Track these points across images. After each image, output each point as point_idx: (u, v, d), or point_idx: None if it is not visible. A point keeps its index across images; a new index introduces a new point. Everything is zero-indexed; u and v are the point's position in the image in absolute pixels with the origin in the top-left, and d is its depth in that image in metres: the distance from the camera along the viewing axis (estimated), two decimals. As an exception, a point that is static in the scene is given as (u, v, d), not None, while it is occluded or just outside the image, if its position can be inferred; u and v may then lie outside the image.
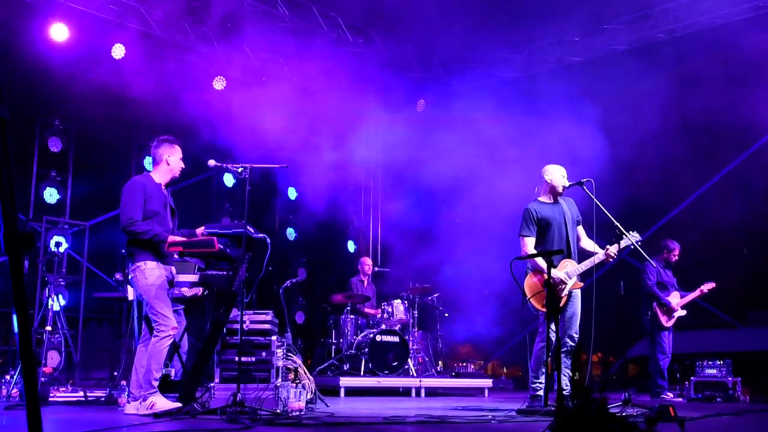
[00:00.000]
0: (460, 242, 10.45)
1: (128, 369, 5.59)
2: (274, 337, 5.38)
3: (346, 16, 10.50)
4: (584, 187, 5.71)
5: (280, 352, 5.39)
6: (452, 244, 10.56)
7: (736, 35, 9.37)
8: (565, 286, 5.58)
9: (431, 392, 8.92)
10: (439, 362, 10.30)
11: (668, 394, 8.22)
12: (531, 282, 5.66)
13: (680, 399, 8.09)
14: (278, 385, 5.11)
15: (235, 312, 5.21)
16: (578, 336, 5.70)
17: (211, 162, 5.35)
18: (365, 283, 10.24)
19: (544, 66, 11.21)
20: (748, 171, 9.87)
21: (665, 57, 10.09)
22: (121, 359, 7.25)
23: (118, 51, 9.40)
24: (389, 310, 9.43)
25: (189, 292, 5.34)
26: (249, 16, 9.90)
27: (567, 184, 5.82)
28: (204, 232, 5.25)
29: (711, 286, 8.46)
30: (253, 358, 5.28)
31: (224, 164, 5.34)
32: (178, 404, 4.86)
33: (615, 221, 5.59)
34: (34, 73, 8.84)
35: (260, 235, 5.32)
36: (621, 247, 5.65)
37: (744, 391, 7.90)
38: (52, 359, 7.76)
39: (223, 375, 5.30)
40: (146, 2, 9.46)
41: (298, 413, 4.89)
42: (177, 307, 5.27)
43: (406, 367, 9.03)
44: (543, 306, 5.37)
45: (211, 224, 5.39)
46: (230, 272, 5.13)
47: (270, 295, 10.23)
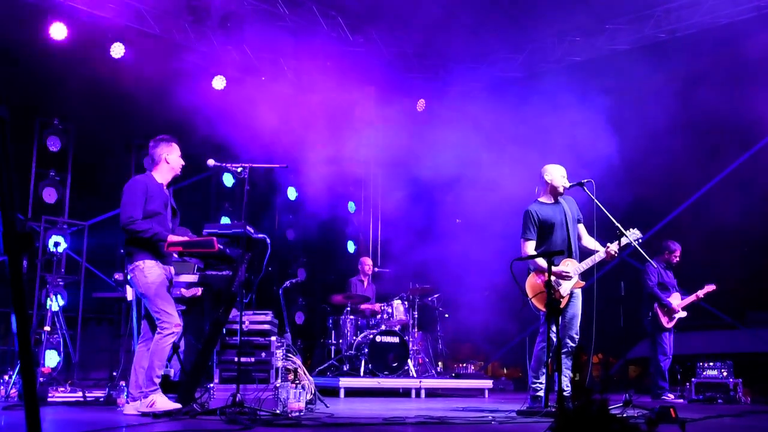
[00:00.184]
0: (461, 243, 10.44)
1: (127, 369, 5.58)
2: (273, 338, 5.37)
3: (346, 15, 10.49)
4: (585, 188, 5.69)
5: (279, 352, 5.38)
6: (452, 244, 10.55)
7: (737, 35, 9.37)
8: (567, 282, 5.56)
9: (431, 393, 8.90)
10: (439, 363, 10.27)
11: (669, 395, 8.21)
12: (533, 282, 5.64)
13: (681, 400, 8.07)
14: (278, 385, 5.10)
15: (234, 312, 5.20)
16: (578, 337, 5.68)
17: (211, 162, 5.33)
18: (365, 284, 10.22)
19: (545, 66, 11.20)
20: (750, 171, 9.86)
21: (667, 57, 10.07)
22: (120, 359, 7.23)
23: (118, 50, 9.39)
24: (389, 310, 9.41)
25: (187, 292, 5.33)
26: (249, 15, 9.89)
27: (567, 184, 5.79)
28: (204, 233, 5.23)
29: (711, 288, 8.44)
30: (252, 359, 5.27)
31: (223, 164, 5.32)
32: (178, 405, 4.85)
33: (615, 221, 5.57)
34: (34, 73, 8.83)
35: (260, 235, 5.31)
36: (622, 245, 5.62)
37: (745, 392, 7.89)
38: (51, 359, 7.75)
39: (222, 375, 5.28)
40: (146, 1, 9.45)
41: (297, 414, 4.88)
42: (177, 308, 5.25)
43: (406, 367, 9.01)
44: (545, 306, 5.35)
45: (210, 224, 5.37)
46: (230, 272, 5.11)
47: (269, 295, 10.21)
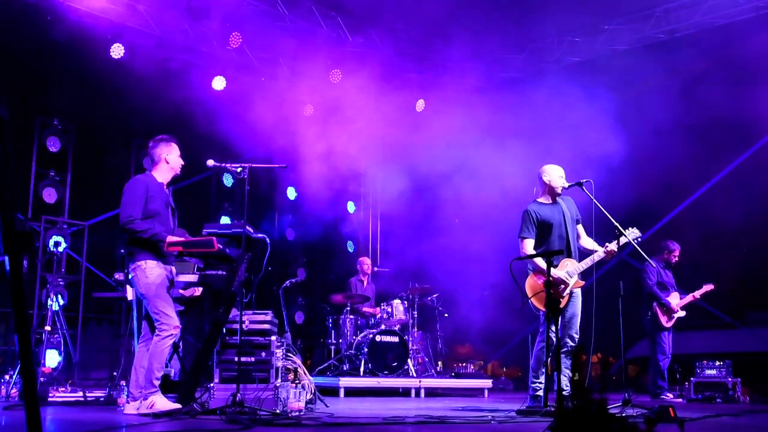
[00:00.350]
0: (460, 243, 10.44)
1: (127, 369, 5.58)
2: (273, 338, 5.38)
3: (346, 15, 10.49)
4: (584, 188, 5.68)
5: (279, 352, 5.39)
6: (452, 244, 10.56)
7: (737, 35, 9.38)
8: (567, 286, 5.57)
9: (431, 393, 8.91)
10: (439, 363, 10.28)
11: (668, 394, 8.22)
12: (532, 282, 5.64)
13: (680, 399, 8.08)
14: (278, 385, 5.10)
15: (234, 312, 5.21)
16: (578, 336, 5.69)
17: (210, 162, 5.33)
18: (365, 283, 10.23)
19: (544, 66, 11.20)
20: (749, 171, 9.87)
21: (666, 57, 10.08)
22: (121, 359, 7.22)
23: (117, 50, 9.40)
24: (389, 310, 9.41)
25: (185, 292, 5.33)
26: (248, 15, 9.89)
27: (566, 184, 5.79)
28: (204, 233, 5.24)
29: (709, 288, 8.45)
30: (252, 359, 5.27)
31: (223, 164, 5.32)
32: (178, 405, 4.85)
33: (614, 221, 5.57)
34: (34, 73, 8.84)
35: (259, 235, 5.32)
36: (621, 244, 5.62)
37: (744, 391, 7.89)
38: (52, 359, 7.75)
39: (222, 375, 5.29)
40: (146, 1, 9.46)
41: (297, 413, 4.89)
42: (176, 309, 5.25)
43: (406, 367, 9.01)
44: (544, 306, 5.36)
45: (210, 224, 5.38)
46: (229, 272, 5.12)
47: (269, 295, 10.23)
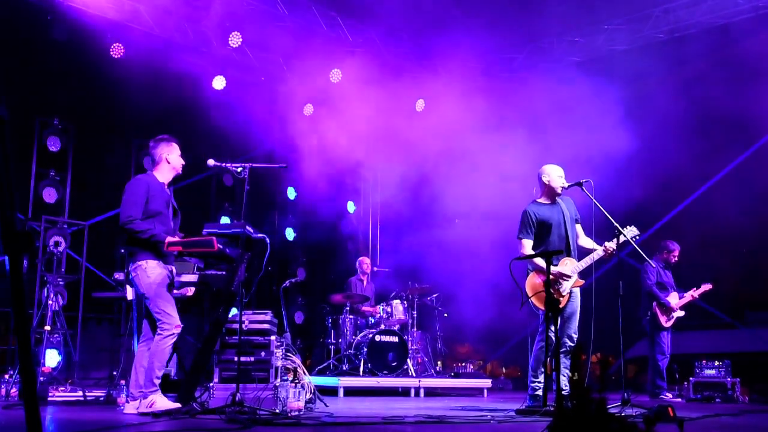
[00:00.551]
0: (460, 243, 10.45)
1: (127, 369, 5.59)
2: (273, 337, 5.38)
3: (346, 15, 10.50)
4: (583, 188, 5.69)
5: (279, 352, 5.39)
6: (452, 244, 10.56)
7: (736, 35, 9.38)
8: (567, 281, 5.57)
9: (430, 392, 8.92)
10: (438, 362, 10.29)
11: (667, 394, 8.22)
12: (532, 281, 5.65)
13: (679, 399, 8.09)
14: (277, 384, 5.11)
15: (234, 312, 5.21)
16: (577, 336, 5.70)
17: (210, 162, 5.33)
18: (364, 283, 10.24)
19: (544, 65, 11.21)
20: (748, 171, 9.88)
21: (665, 57, 10.09)
22: (121, 359, 7.23)
23: (117, 50, 9.40)
24: (388, 310, 9.42)
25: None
26: (248, 15, 9.90)
27: (565, 184, 5.79)
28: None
29: (708, 287, 8.45)
30: (252, 358, 5.28)
31: (223, 164, 5.32)
32: (178, 405, 4.86)
33: (613, 221, 5.58)
34: (33, 73, 8.84)
35: (259, 234, 5.32)
36: (620, 242, 5.63)
37: (743, 391, 7.90)
38: (51, 359, 7.76)
39: (222, 375, 5.30)
40: (146, 1, 9.46)
41: (297, 413, 4.90)
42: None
43: (405, 367, 9.02)
44: (544, 305, 5.36)
45: (210, 224, 5.38)
46: (229, 272, 5.12)
47: (269, 295, 10.24)
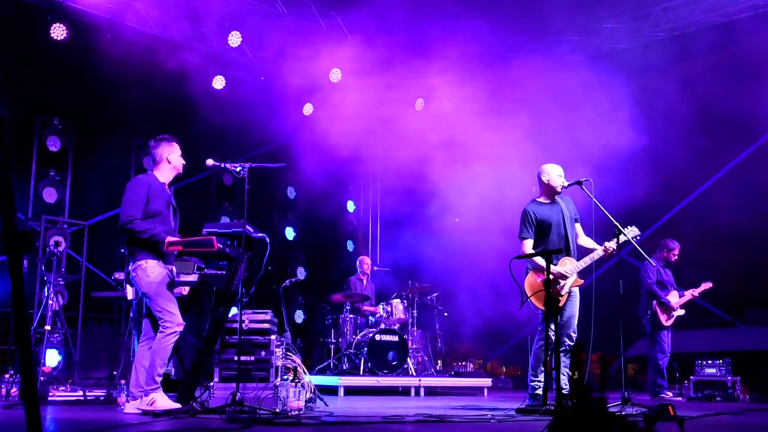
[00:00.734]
0: (460, 242, 10.45)
1: (127, 368, 5.59)
2: (273, 337, 5.39)
3: (345, 15, 10.50)
4: (583, 187, 5.68)
5: (279, 351, 5.40)
6: (452, 243, 10.56)
7: (735, 34, 9.39)
8: (566, 282, 5.58)
9: (430, 391, 8.92)
10: (439, 361, 10.29)
11: (667, 393, 8.22)
12: (532, 281, 5.65)
13: (679, 398, 8.09)
14: (277, 384, 5.11)
15: (234, 311, 5.21)
16: (576, 335, 5.69)
17: (210, 161, 5.32)
18: (364, 282, 10.24)
19: (544, 65, 11.20)
20: (748, 170, 9.88)
21: (665, 56, 10.09)
22: (121, 359, 7.24)
23: (117, 50, 9.39)
24: (388, 309, 9.42)
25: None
26: (248, 15, 9.90)
27: (565, 183, 5.79)
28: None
29: (708, 286, 8.45)
30: (252, 358, 5.28)
31: (222, 163, 5.32)
32: (178, 405, 4.86)
33: (613, 220, 5.58)
34: (33, 73, 8.84)
35: (259, 234, 5.32)
36: (620, 242, 5.63)
37: (743, 390, 7.90)
38: (52, 358, 7.76)
39: (222, 374, 5.30)
40: (146, 1, 9.46)
41: (297, 412, 4.89)
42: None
43: (406, 366, 9.02)
44: (543, 305, 5.36)
45: (210, 223, 5.38)
46: (229, 272, 5.13)
47: (269, 294, 10.24)
